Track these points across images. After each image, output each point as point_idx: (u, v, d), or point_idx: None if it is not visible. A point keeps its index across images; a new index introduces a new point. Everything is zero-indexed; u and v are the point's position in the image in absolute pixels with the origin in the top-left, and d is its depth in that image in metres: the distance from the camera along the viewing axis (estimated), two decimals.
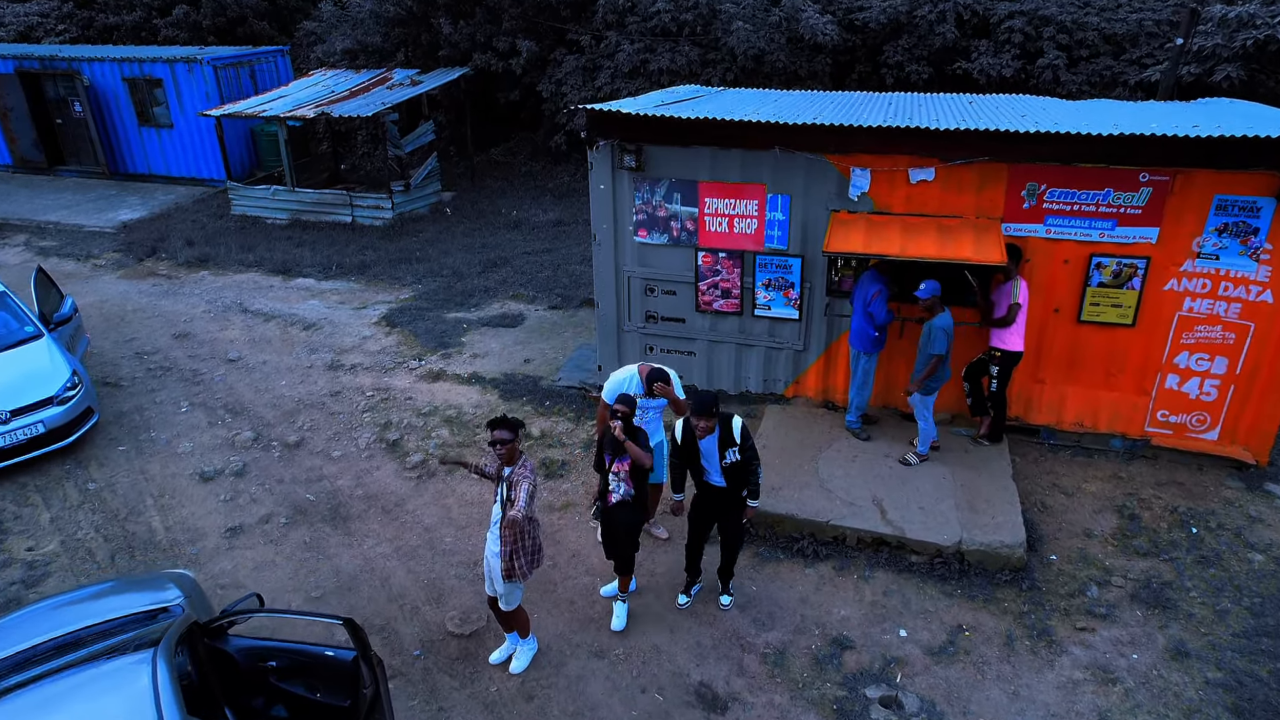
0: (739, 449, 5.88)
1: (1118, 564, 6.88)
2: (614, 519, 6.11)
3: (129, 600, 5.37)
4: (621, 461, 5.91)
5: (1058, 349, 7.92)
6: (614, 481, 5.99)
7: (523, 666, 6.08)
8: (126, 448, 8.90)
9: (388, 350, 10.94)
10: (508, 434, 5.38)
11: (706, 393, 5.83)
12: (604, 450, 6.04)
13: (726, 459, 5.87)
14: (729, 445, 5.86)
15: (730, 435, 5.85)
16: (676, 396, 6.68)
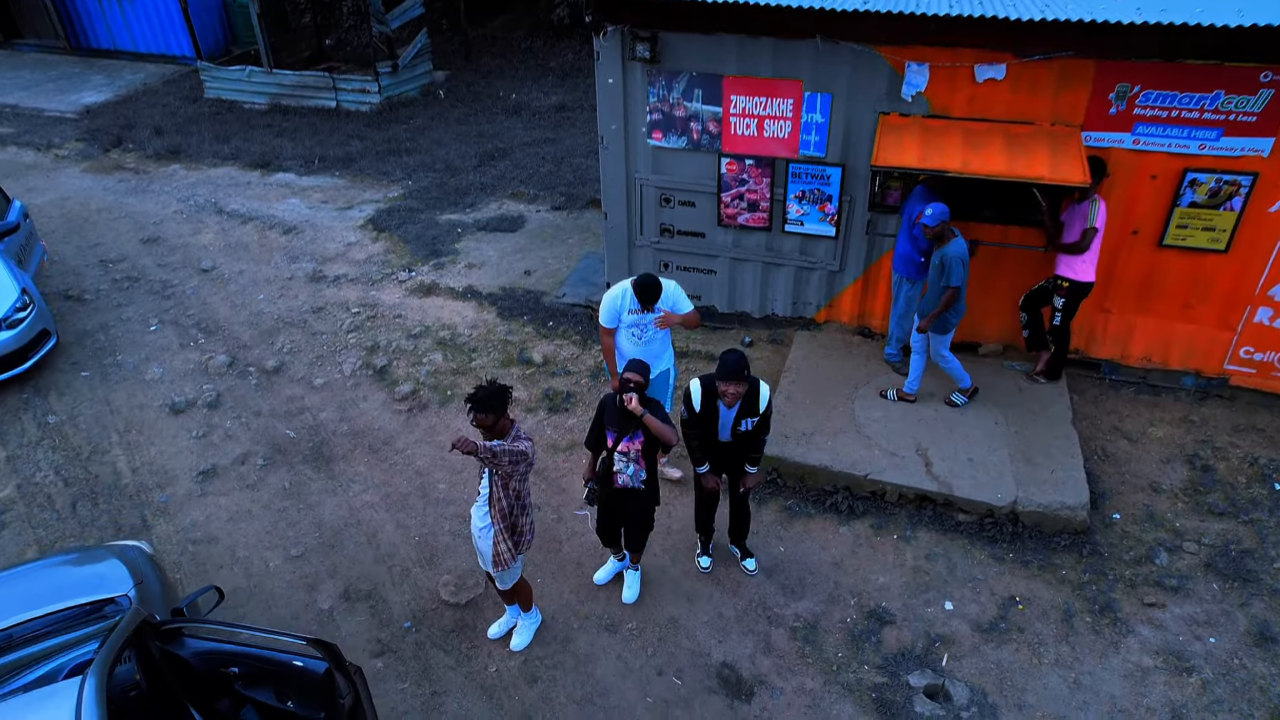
0: (757, 421, 5.08)
1: (1190, 525, 6.14)
2: (622, 509, 5.32)
3: (73, 585, 4.69)
4: (633, 439, 5.03)
5: (1131, 276, 6.92)
6: (622, 463, 5.09)
7: (525, 643, 5.47)
8: (90, 373, 8.10)
9: (375, 259, 9.96)
10: (490, 417, 4.51)
11: (735, 353, 4.89)
12: (603, 424, 5.11)
13: (741, 427, 5.10)
14: (749, 415, 5.04)
15: (754, 405, 5.02)
16: (685, 315, 5.89)
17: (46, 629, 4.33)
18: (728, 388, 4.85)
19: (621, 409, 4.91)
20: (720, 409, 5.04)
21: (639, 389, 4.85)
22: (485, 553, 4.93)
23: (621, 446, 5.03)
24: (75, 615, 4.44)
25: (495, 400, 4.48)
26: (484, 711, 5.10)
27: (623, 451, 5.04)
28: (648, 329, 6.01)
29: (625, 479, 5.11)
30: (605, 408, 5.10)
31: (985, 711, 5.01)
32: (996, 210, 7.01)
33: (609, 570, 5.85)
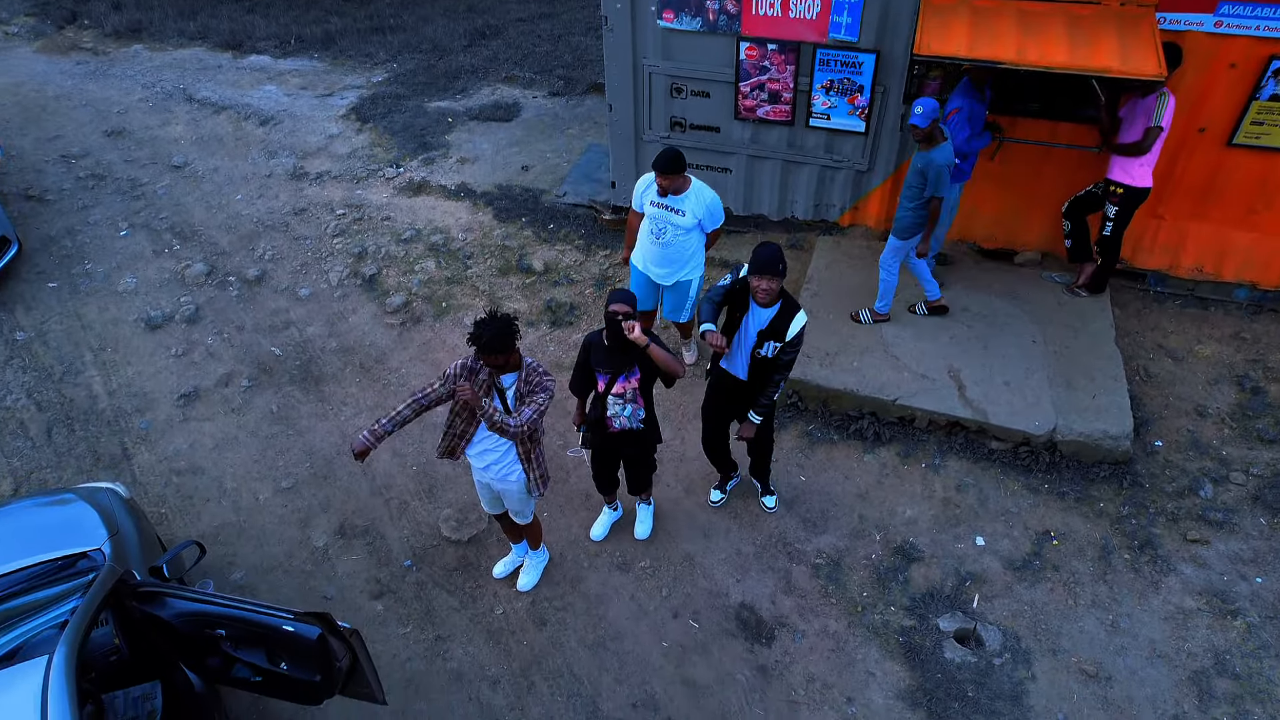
0: (783, 347, 4.50)
1: (1237, 453, 5.77)
2: (619, 453, 4.89)
3: (40, 537, 4.32)
4: (627, 378, 4.47)
5: (1191, 178, 6.28)
6: (616, 405, 4.54)
7: (533, 582, 5.18)
8: (58, 284, 7.54)
9: (359, 153, 9.20)
10: (500, 357, 4.03)
11: (771, 245, 4.31)
12: (590, 366, 4.55)
13: (762, 351, 4.53)
14: (775, 338, 4.47)
15: (783, 328, 4.44)
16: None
17: (10, 589, 3.98)
18: (760, 282, 4.30)
19: (614, 341, 4.33)
20: (750, 309, 4.48)
21: (629, 318, 4.23)
22: (511, 490, 4.54)
23: (616, 388, 4.49)
24: (47, 571, 4.09)
25: (503, 339, 3.97)
26: (491, 657, 4.86)
27: (617, 394, 4.51)
28: (667, 225, 5.47)
29: (623, 421, 4.60)
30: (590, 347, 4.53)
31: (1018, 657, 4.77)
32: (1044, 103, 6.29)
33: (605, 523, 5.44)
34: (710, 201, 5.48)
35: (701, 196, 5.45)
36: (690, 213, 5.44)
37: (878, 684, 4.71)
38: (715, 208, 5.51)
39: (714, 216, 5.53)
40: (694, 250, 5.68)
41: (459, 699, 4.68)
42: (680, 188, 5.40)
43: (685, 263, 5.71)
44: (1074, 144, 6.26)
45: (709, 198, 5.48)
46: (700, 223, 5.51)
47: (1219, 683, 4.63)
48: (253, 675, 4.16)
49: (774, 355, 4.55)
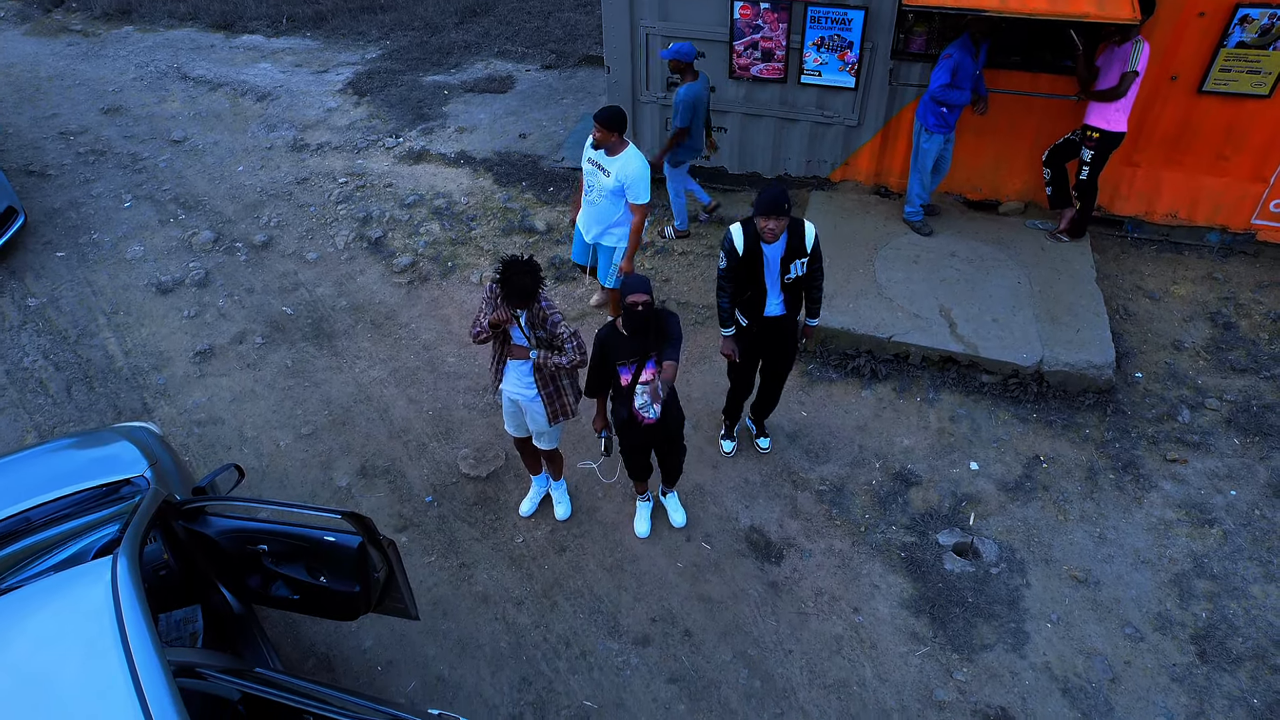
0: (808, 261, 4.71)
1: (1212, 382, 6.11)
2: (652, 441, 4.87)
3: (86, 467, 4.49)
4: (653, 364, 4.43)
5: (1165, 125, 6.61)
6: (643, 398, 4.47)
7: (569, 510, 5.40)
8: (66, 254, 7.67)
9: (358, 125, 9.37)
10: (528, 302, 4.24)
11: (774, 187, 4.50)
12: (608, 363, 4.47)
13: (790, 273, 4.71)
14: (797, 256, 4.68)
15: (800, 244, 4.65)
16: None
17: (63, 512, 4.16)
18: (767, 223, 4.46)
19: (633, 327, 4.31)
20: (764, 252, 4.66)
21: (646, 307, 4.25)
22: (536, 413, 4.75)
23: (644, 377, 4.46)
24: (91, 497, 4.27)
25: (531, 286, 4.17)
26: (514, 580, 5.09)
27: (644, 382, 4.45)
28: (595, 184, 5.58)
29: (650, 415, 4.49)
30: (606, 343, 4.44)
31: (1014, 567, 5.07)
32: (1025, 56, 6.60)
33: (645, 517, 5.32)
34: (637, 169, 5.46)
35: (630, 162, 5.46)
36: (615, 175, 5.46)
37: (882, 595, 4.99)
38: (641, 177, 5.48)
39: (638, 185, 5.49)
40: (618, 218, 5.71)
41: (485, 618, 4.91)
42: (615, 148, 5.44)
43: (607, 225, 5.77)
44: (1054, 93, 6.57)
45: (637, 166, 5.47)
46: (623, 187, 5.51)
47: (1198, 583, 4.95)
48: (291, 593, 4.37)
49: (805, 271, 4.74)
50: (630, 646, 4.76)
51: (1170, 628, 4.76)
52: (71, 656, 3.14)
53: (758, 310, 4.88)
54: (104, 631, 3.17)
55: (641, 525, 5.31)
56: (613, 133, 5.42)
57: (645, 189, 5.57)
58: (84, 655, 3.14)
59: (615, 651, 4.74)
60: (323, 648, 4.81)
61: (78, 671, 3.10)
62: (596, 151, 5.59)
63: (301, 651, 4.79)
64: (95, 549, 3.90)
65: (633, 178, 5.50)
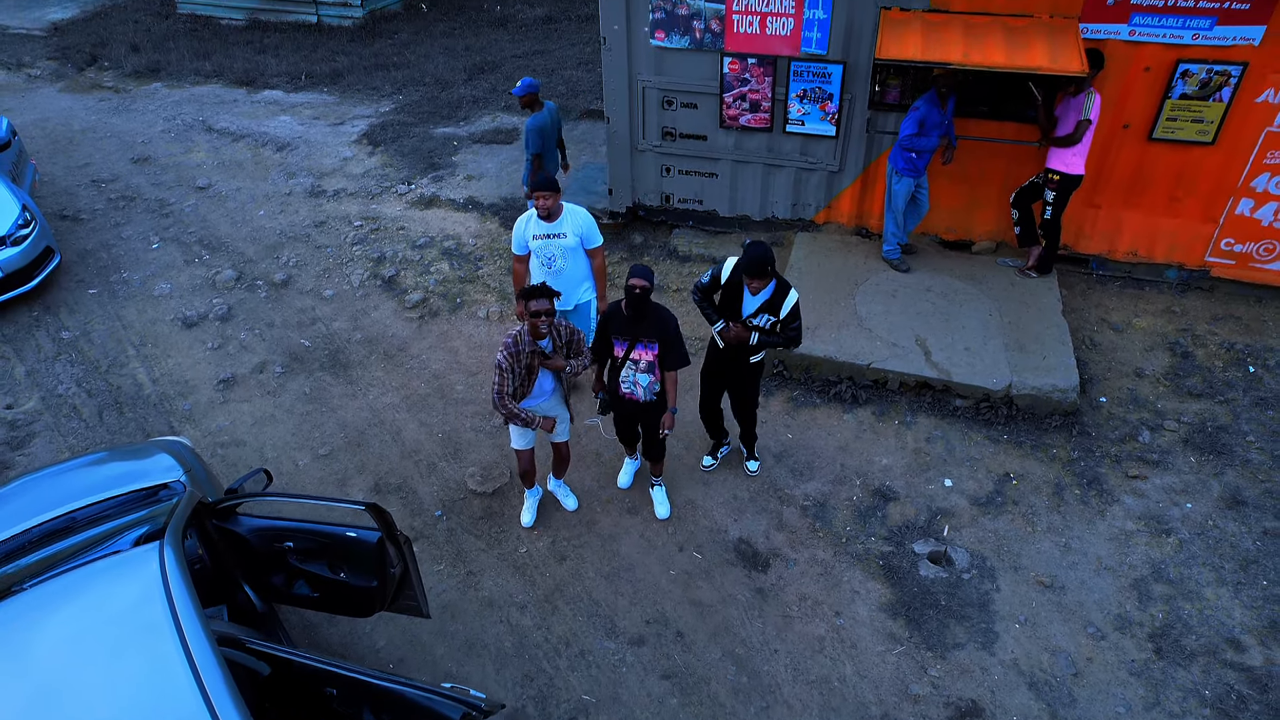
0: (783, 322, 5.17)
1: (1170, 406, 6.53)
2: (636, 419, 5.52)
3: (124, 475, 4.89)
4: (646, 347, 5.09)
5: (1120, 170, 7.15)
6: (632, 374, 5.17)
7: (576, 503, 5.92)
8: (98, 291, 8.16)
9: (372, 173, 9.96)
10: (548, 303, 4.77)
11: (759, 246, 4.93)
12: (610, 332, 5.14)
13: (758, 320, 5.19)
14: (770, 312, 5.15)
15: (777, 305, 5.11)
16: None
17: (105, 513, 4.54)
18: (751, 283, 4.97)
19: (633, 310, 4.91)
20: (745, 294, 5.14)
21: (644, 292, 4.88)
22: (564, 413, 5.36)
23: (634, 355, 5.11)
24: (131, 500, 4.66)
25: (549, 292, 4.80)
26: (518, 587, 5.44)
27: (634, 359, 5.11)
28: (555, 252, 5.74)
29: (641, 392, 5.19)
30: (610, 316, 5.15)
31: (984, 573, 5.43)
32: (991, 106, 7.17)
33: (629, 471, 6.05)
34: (585, 216, 5.78)
35: (576, 214, 5.75)
36: (571, 232, 5.73)
37: (862, 600, 5.34)
38: (590, 223, 5.79)
39: (592, 230, 5.79)
40: (584, 270, 5.94)
41: (491, 621, 5.25)
42: (556, 211, 5.68)
43: (579, 283, 5.97)
44: (1019, 140, 7.12)
45: (583, 214, 5.79)
46: (581, 239, 5.78)
47: (1155, 587, 5.31)
48: (312, 590, 4.74)
49: (769, 326, 5.18)
50: (626, 646, 5.10)
51: (1129, 627, 5.10)
52: (127, 630, 3.52)
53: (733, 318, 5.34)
54: (156, 607, 3.55)
55: (624, 478, 6.04)
56: (555, 194, 5.59)
57: (598, 232, 5.87)
58: (139, 629, 3.51)
59: (612, 650, 5.08)
60: (339, 647, 5.15)
61: (133, 644, 3.47)
62: (545, 224, 5.72)
63: (319, 651, 5.12)
64: (137, 540, 4.28)
65: (586, 225, 5.79)
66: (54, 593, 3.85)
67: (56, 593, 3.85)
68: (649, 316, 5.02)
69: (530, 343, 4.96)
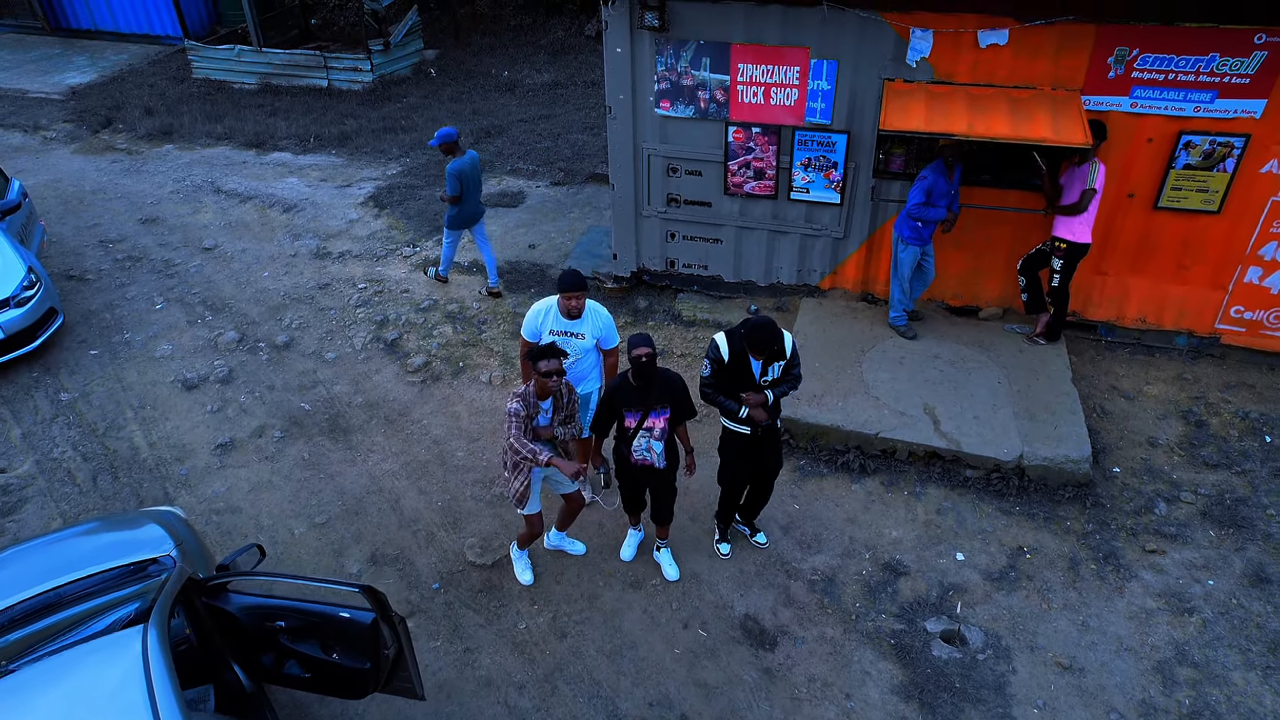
0: (788, 364, 5.12)
1: (1186, 477, 6.39)
2: (645, 482, 5.42)
3: (114, 547, 4.76)
4: (659, 414, 5.07)
5: (1127, 238, 7.13)
6: (646, 441, 5.12)
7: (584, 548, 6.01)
8: (99, 351, 8.12)
9: (378, 235, 10.00)
10: (558, 364, 4.81)
11: (766, 323, 4.90)
12: (616, 409, 5.08)
13: (768, 375, 5.11)
14: (775, 359, 5.07)
15: (779, 350, 5.05)
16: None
17: (93, 588, 4.41)
18: (759, 356, 4.95)
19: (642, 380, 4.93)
20: (750, 361, 5.06)
21: (650, 359, 4.87)
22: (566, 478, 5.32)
23: (647, 423, 5.06)
24: (120, 575, 4.52)
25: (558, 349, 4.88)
26: (516, 666, 5.25)
27: (648, 428, 5.07)
28: (572, 352, 5.55)
29: (654, 458, 5.16)
30: (615, 392, 5.06)
31: (1000, 653, 5.23)
32: (996, 175, 7.19)
33: (632, 544, 5.92)
34: (606, 319, 5.64)
35: (598, 314, 5.60)
36: (589, 333, 5.59)
37: (873, 681, 5.14)
38: (610, 325, 5.66)
39: (610, 333, 5.65)
40: (593, 365, 5.81)
41: (488, 702, 5.05)
42: (580, 309, 5.51)
43: (584, 378, 5.82)
44: (1023, 208, 7.12)
45: (604, 316, 5.64)
46: (599, 340, 5.64)
47: (1180, 670, 5.10)
48: (303, 670, 4.57)
49: (780, 374, 5.13)
50: None
51: (1154, 714, 4.89)
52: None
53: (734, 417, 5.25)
54: (136, 696, 3.40)
55: (627, 551, 5.86)
56: (584, 293, 5.48)
57: (615, 330, 5.73)
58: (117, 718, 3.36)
59: None
60: None
61: None
62: (565, 321, 5.55)
63: None
64: (123, 622, 4.14)
65: (606, 327, 5.64)
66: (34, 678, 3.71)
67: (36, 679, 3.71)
68: (658, 383, 4.99)
69: (535, 403, 4.94)
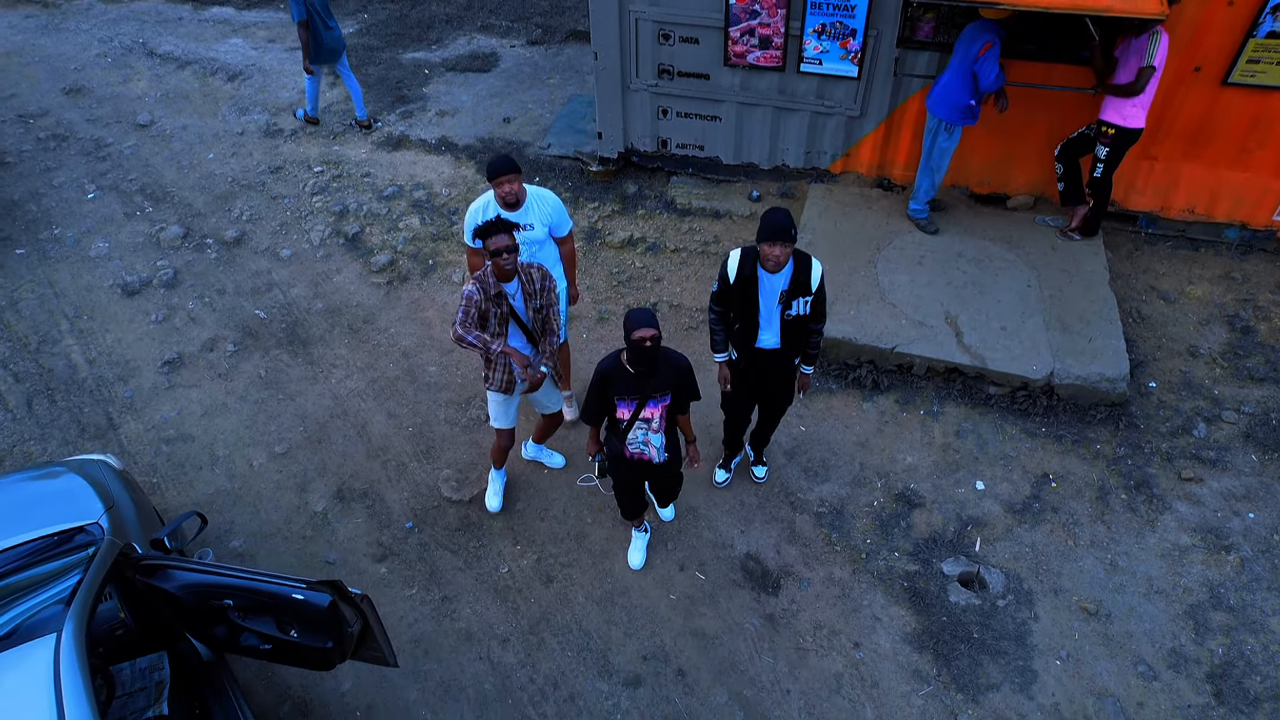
0: (811, 301, 4.42)
1: (1229, 392, 5.84)
2: (646, 477, 4.60)
3: (29, 513, 4.18)
4: (657, 404, 4.17)
5: (1186, 118, 6.24)
6: (640, 433, 4.26)
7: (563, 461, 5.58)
8: (26, 251, 7.28)
9: (334, 108, 8.91)
10: (508, 238, 4.16)
11: (780, 211, 4.13)
12: (608, 395, 4.19)
13: (792, 310, 4.39)
14: (801, 293, 4.36)
15: (806, 280, 4.33)
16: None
17: (4, 567, 3.87)
18: (771, 250, 4.12)
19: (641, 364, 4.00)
20: (762, 281, 4.32)
21: (655, 343, 3.91)
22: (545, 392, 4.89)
23: (645, 414, 4.21)
24: (39, 549, 3.97)
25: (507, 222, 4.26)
26: (499, 616, 4.85)
27: (645, 418, 4.22)
28: (523, 246, 4.81)
29: (654, 452, 4.33)
30: (607, 376, 4.14)
31: (1021, 598, 4.84)
32: (1039, 45, 6.20)
33: (640, 548, 5.05)
34: (554, 203, 4.99)
35: (543, 200, 4.95)
36: (539, 222, 4.92)
37: (884, 629, 4.77)
38: (560, 209, 5.01)
39: (561, 218, 5.01)
40: (553, 262, 5.14)
41: (469, 658, 4.67)
42: (518, 193, 4.81)
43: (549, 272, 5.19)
44: (1068, 86, 6.18)
45: (551, 199, 4.99)
46: (551, 229, 5.00)
47: (1214, 615, 4.74)
48: (261, 644, 4.11)
49: (808, 311, 4.40)
50: (621, 688, 4.55)
51: (1185, 665, 4.55)
52: None
53: (748, 342, 4.53)
54: None
55: (636, 557, 5.04)
56: (519, 175, 4.76)
57: (568, 216, 5.08)
58: None
59: (605, 694, 4.52)
60: (299, 691, 4.58)
61: None
62: (507, 214, 4.79)
63: (277, 695, 4.56)
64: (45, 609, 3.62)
65: (554, 212, 4.97)
66: None
67: None
68: (662, 368, 4.11)
69: (496, 285, 4.30)
